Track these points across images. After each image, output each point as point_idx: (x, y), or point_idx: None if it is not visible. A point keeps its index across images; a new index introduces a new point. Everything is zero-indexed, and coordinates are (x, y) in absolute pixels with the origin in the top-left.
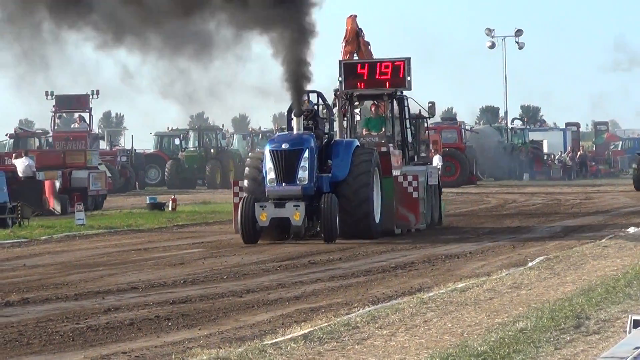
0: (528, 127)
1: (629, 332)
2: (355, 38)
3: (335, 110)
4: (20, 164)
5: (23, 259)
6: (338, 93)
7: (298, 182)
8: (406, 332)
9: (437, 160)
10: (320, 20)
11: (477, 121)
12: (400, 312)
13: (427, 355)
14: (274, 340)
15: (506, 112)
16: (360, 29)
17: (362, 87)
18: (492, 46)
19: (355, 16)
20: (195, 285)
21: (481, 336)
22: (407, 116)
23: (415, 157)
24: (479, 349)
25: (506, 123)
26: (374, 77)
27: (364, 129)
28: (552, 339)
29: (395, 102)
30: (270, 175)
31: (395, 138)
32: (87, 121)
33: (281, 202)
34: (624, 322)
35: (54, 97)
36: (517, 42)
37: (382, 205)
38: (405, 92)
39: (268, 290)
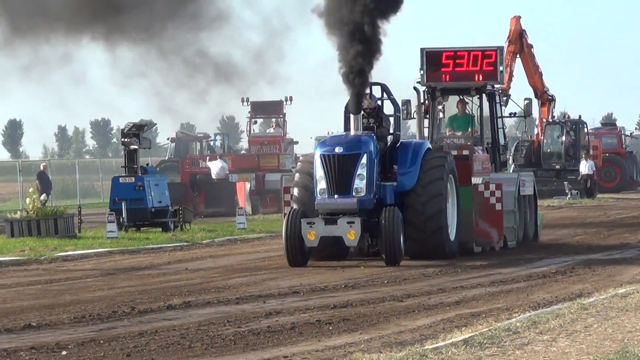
0: None
1: None
2: (518, 39)
3: (414, 106)
4: (215, 167)
5: (185, 263)
6: (418, 86)
7: (354, 194)
8: (567, 338)
9: (585, 167)
10: (482, 20)
11: (638, 126)
12: (560, 318)
13: None
14: (434, 345)
15: None
16: (524, 30)
17: (447, 79)
18: None
19: (520, 17)
20: (355, 290)
21: None
22: (499, 114)
23: (574, 162)
24: None
25: None
26: (461, 69)
27: (448, 129)
28: None
29: (485, 98)
30: (321, 185)
31: (484, 140)
32: (282, 126)
33: (333, 218)
34: None
35: (249, 103)
36: None
37: (459, 219)
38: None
39: (429, 295)
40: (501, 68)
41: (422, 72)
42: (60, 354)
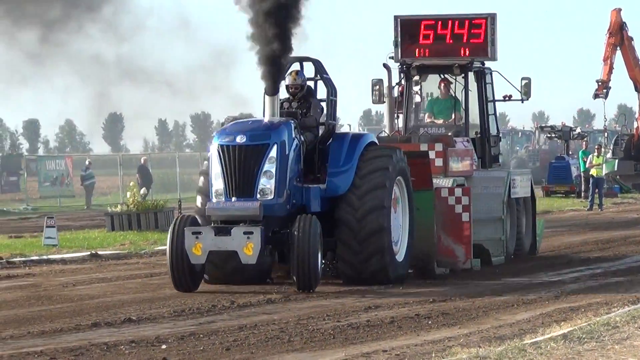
0: None
1: None
2: (618, 31)
3: (385, 88)
4: None
5: None
6: (391, 63)
7: (258, 196)
8: None
9: None
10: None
11: None
12: None
13: None
14: (533, 340)
15: None
16: (625, 23)
17: (426, 54)
18: None
19: (620, 9)
20: (454, 284)
21: None
22: (490, 98)
23: None
24: None
25: None
26: (443, 42)
27: (427, 115)
28: None
29: (472, 78)
30: (217, 184)
31: (470, 129)
32: None
33: (226, 228)
34: None
35: None
36: None
37: (411, 233)
38: (489, 64)
39: (527, 289)
40: (493, 43)
41: (396, 45)
42: (160, 347)
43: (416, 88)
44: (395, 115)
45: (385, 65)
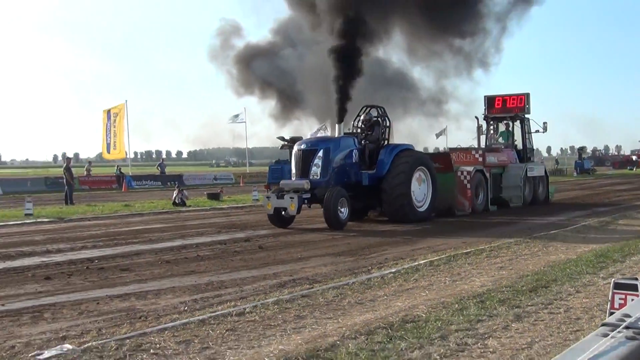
0: None
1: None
2: None
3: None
4: None
5: None
6: (481, 116)
7: (311, 177)
8: None
9: None
10: None
11: None
12: None
13: None
14: (491, 245)
15: None
16: None
17: (498, 112)
18: None
19: None
20: (451, 221)
21: None
22: (528, 131)
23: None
24: None
25: None
26: (505, 106)
27: (499, 139)
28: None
29: (518, 122)
30: (293, 170)
31: (514, 144)
32: None
33: (282, 194)
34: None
35: None
36: None
37: (434, 196)
38: (527, 116)
39: (494, 224)
40: (528, 105)
41: (485, 107)
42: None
43: (492, 127)
44: (482, 138)
45: (476, 117)
